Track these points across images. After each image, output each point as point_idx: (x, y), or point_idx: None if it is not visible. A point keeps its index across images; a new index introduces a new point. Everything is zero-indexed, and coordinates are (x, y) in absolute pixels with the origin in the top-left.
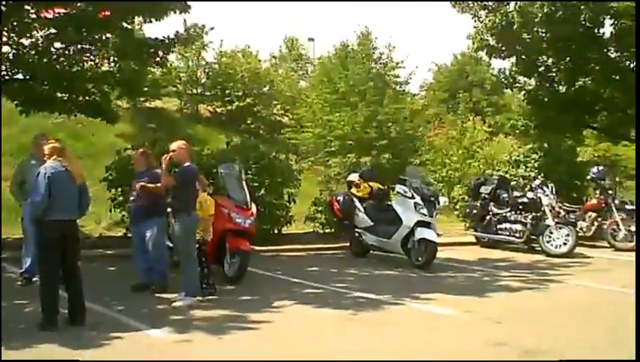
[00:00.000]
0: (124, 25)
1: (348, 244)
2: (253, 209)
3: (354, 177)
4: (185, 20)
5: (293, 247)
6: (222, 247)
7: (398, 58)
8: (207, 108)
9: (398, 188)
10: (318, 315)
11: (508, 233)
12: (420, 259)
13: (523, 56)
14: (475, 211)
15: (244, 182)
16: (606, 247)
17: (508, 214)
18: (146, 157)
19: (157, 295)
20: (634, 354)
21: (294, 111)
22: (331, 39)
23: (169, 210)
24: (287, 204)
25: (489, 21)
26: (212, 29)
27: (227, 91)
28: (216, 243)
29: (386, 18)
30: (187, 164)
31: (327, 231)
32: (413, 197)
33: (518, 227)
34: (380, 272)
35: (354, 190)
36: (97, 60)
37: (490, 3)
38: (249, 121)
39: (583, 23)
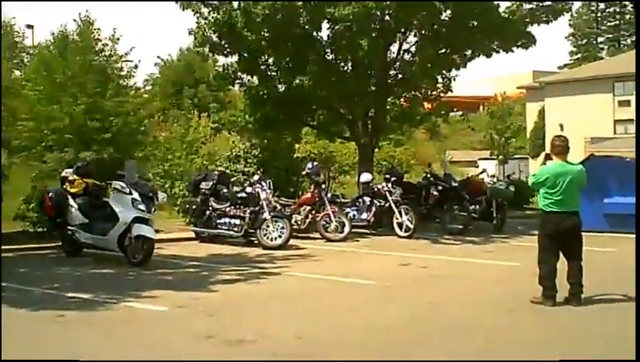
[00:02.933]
0: None
1: (60, 243)
2: None
3: (68, 173)
4: None
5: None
6: None
7: (123, 50)
8: None
9: (116, 183)
10: (20, 318)
11: (227, 227)
12: (137, 256)
13: (245, 54)
14: (194, 206)
15: None
16: (319, 238)
17: (227, 209)
18: None
19: None
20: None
21: (6, 102)
22: (53, 27)
23: None
24: None
25: (212, 18)
26: None
27: None
28: None
29: (111, 8)
30: None
31: (38, 229)
32: (130, 193)
33: (237, 221)
34: (95, 271)
35: (68, 186)
36: None
37: (214, 2)
38: None
39: (302, 25)
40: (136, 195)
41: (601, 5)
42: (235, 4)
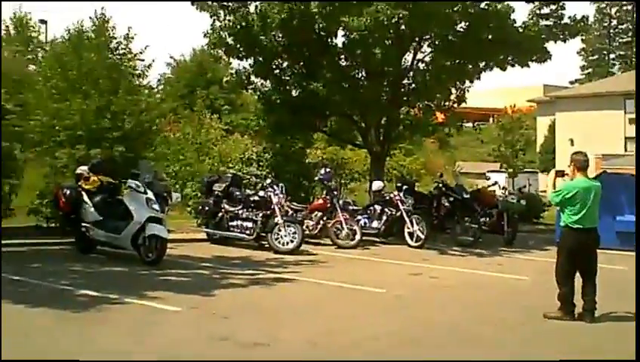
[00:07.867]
0: None
1: (74, 240)
2: None
3: (83, 170)
4: None
5: (13, 242)
6: None
7: (137, 49)
8: None
9: (130, 182)
10: (36, 315)
11: (239, 230)
12: (150, 255)
13: (260, 58)
14: (207, 208)
15: None
16: (329, 245)
17: (240, 211)
18: None
19: None
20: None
21: (20, 96)
22: (67, 23)
23: None
24: (8, 196)
25: (228, 21)
26: None
27: None
28: None
29: (126, 7)
30: None
31: (52, 225)
32: (145, 193)
33: (249, 224)
34: (108, 269)
35: (82, 183)
36: None
37: (230, 3)
38: None
39: (318, 31)
40: (150, 195)
41: (614, 22)
42: (252, 7)
